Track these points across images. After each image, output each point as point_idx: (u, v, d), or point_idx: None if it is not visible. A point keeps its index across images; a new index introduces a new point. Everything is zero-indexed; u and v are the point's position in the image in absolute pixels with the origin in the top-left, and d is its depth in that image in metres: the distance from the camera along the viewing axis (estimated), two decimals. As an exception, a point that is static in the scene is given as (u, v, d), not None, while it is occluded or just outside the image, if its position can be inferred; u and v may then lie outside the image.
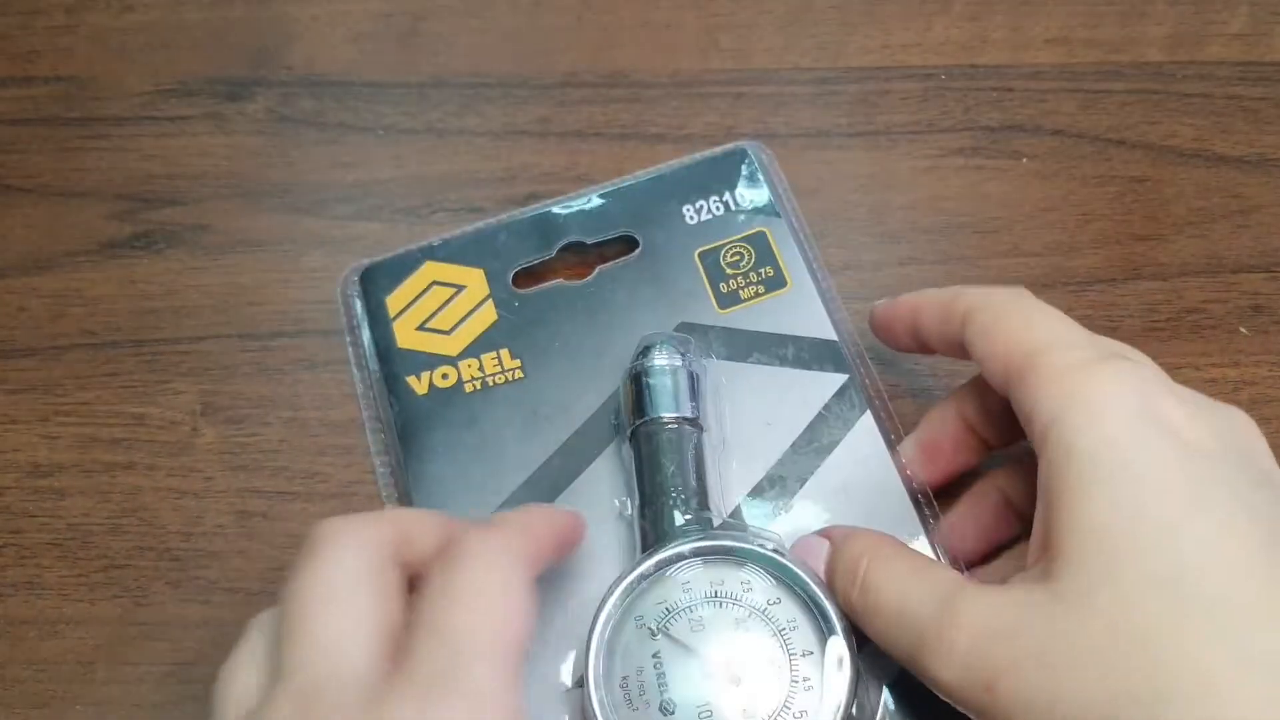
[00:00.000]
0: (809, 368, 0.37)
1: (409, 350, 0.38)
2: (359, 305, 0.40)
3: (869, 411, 0.37)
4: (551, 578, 0.33)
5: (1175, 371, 0.30)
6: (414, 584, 0.27)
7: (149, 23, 0.49)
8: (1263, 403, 0.39)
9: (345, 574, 0.26)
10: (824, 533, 0.33)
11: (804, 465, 0.36)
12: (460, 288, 0.40)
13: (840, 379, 0.37)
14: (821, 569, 0.31)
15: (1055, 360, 0.28)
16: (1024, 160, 0.44)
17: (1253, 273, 0.41)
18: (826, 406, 0.37)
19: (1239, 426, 0.28)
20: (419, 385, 0.38)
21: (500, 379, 0.38)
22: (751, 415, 0.37)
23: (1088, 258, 0.42)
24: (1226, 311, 0.41)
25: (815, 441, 0.36)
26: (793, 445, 0.36)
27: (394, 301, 0.39)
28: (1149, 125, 0.45)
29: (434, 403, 0.37)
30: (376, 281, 0.40)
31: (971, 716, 0.26)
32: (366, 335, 0.39)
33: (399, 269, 0.40)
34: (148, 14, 0.49)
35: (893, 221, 0.43)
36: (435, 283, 0.40)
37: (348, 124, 0.46)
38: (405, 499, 0.37)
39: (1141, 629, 0.24)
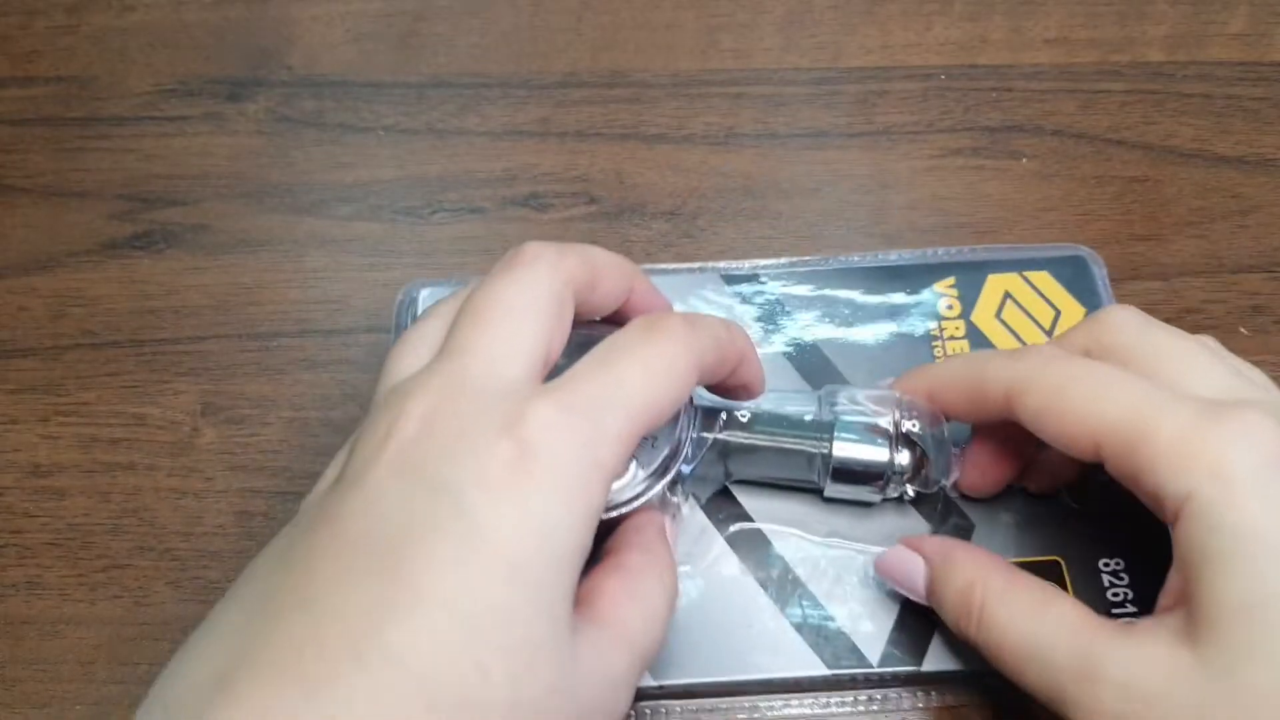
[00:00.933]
0: None
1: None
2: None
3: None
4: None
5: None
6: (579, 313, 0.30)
7: (150, 23, 0.49)
8: (1262, 403, 0.39)
9: (533, 295, 0.28)
10: (914, 545, 0.32)
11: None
12: None
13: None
14: (921, 590, 0.32)
15: (1166, 430, 0.27)
16: (1024, 160, 0.44)
17: (1252, 273, 0.41)
18: None
19: None
20: None
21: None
22: None
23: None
24: (1226, 312, 0.41)
25: None
26: None
27: None
28: (1148, 125, 0.45)
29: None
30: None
31: None
32: None
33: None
34: (148, 14, 0.49)
35: (893, 221, 0.43)
36: None
37: (348, 124, 0.46)
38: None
39: None
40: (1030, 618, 0.29)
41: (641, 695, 0.33)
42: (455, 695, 0.23)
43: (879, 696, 0.33)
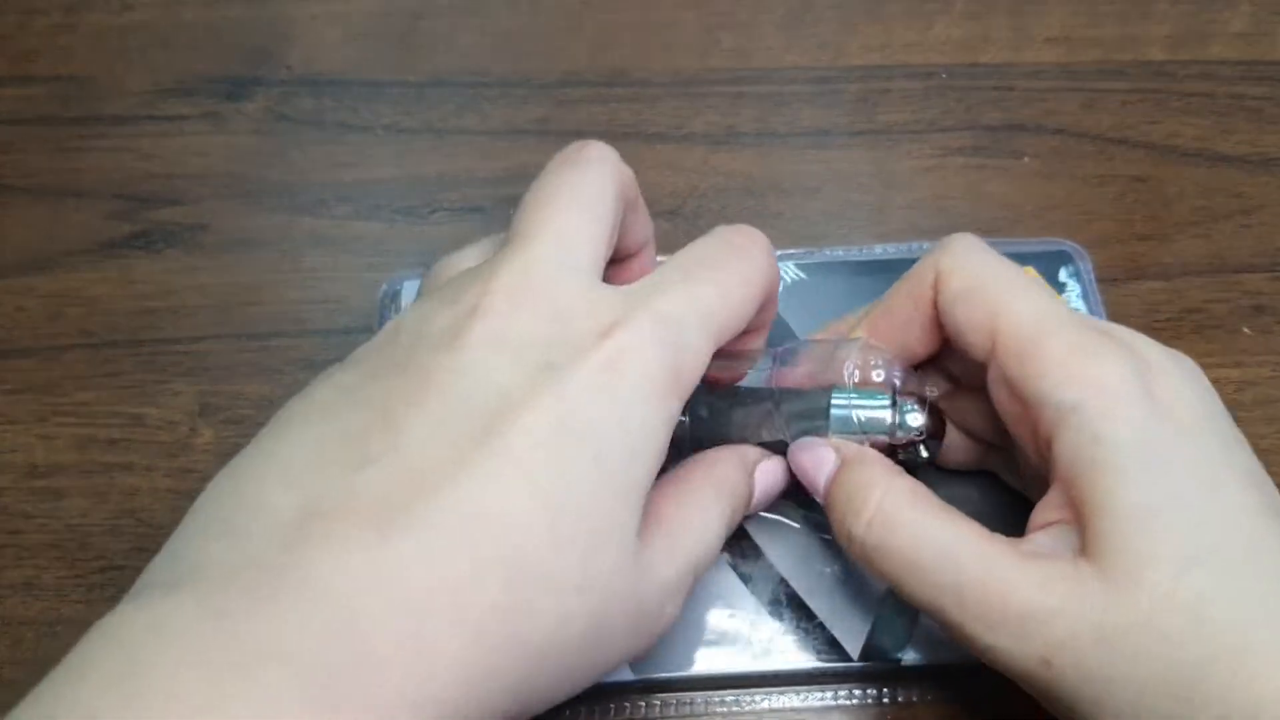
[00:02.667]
0: None
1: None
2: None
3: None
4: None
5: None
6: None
7: (148, 22, 0.49)
8: (1266, 403, 0.38)
9: (598, 186, 0.29)
10: (833, 444, 0.31)
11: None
12: None
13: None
14: (820, 485, 0.31)
15: (1060, 344, 0.28)
16: (1025, 159, 0.44)
17: (1255, 272, 0.41)
18: None
19: (1201, 385, 0.29)
20: None
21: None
22: None
23: (1090, 257, 0.42)
24: (1229, 311, 0.40)
25: None
26: None
27: None
28: (1151, 124, 0.45)
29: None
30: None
31: (1019, 683, 0.27)
32: None
33: None
34: (147, 13, 0.49)
35: (894, 221, 0.43)
36: None
37: (347, 123, 0.46)
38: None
39: (1188, 602, 0.25)
40: (932, 522, 0.28)
41: (621, 689, 0.33)
42: (527, 562, 0.24)
43: (859, 691, 0.33)
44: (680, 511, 0.29)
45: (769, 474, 0.32)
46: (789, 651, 0.33)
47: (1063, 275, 0.39)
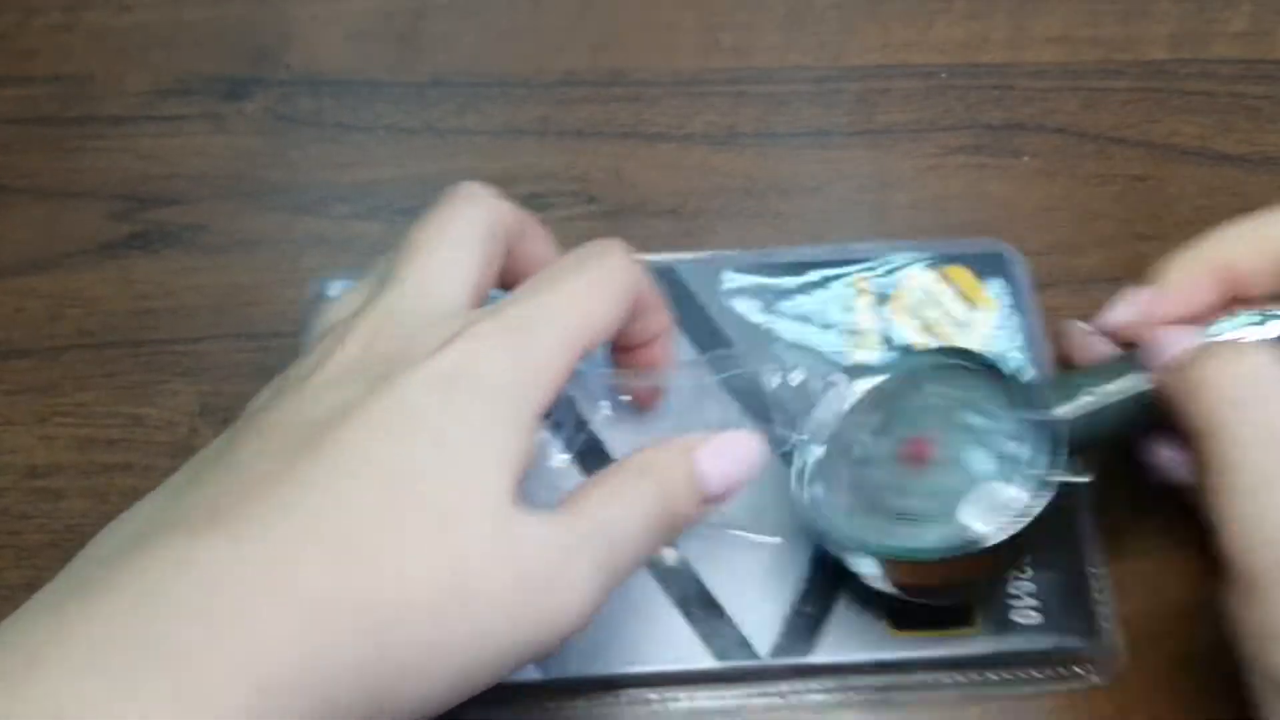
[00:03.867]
0: None
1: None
2: None
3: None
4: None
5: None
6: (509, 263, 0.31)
7: (147, 22, 0.49)
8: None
9: (467, 227, 0.30)
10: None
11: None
12: None
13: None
14: (1184, 343, 0.30)
15: None
16: (1026, 159, 0.44)
17: (1256, 272, 0.41)
18: None
19: None
20: None
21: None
22: None
23: (1090, 256, 0.42)
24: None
25: None
26: None
27: None
28: (1151, 124, 0.45)
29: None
30: None
31: None
32: None
33: None
34: (146, 13, 0.49)
35: (894, 220, 0.43)
36: None
37: (347, 124, 0.46)
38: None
39: None
40: None
41: (529, 690, 0.33)
42: (353, 539, 0.24)
43: (772, 688, 0.33)
44: (597, 498, 0.28)
45: (719, 454, 0.29)
46: (698, 650, 0.33)
47: (993, 281, 0.40)
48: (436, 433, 0.26)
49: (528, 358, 0.27)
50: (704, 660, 0.33)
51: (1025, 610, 0.33)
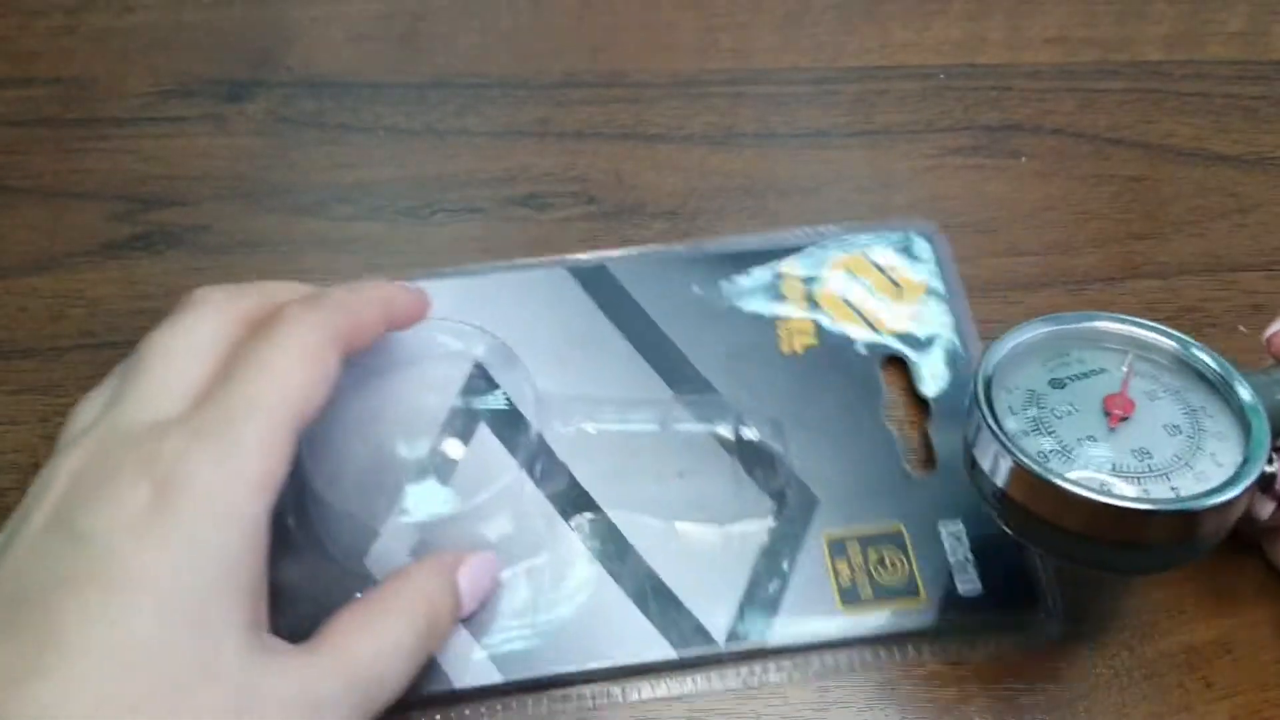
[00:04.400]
0: None
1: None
2: None
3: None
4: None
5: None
6: None
7: (149, 24, 0.49)
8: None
9: (196, 339, 0.29)
10: None
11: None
12: None
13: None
14: None
15: None
16: (1023, 159, 0.44)
17: (1251, 271, 0.41)
18: None
19: None
20: None
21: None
22: None
23: (1086, 256, 0.42)
24: (1225, 310, 0.41)
25: None
26: None
27: None
28: (1147, 124, 0.45)
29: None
30: None
31: None
32: None
33: None
34: (148, 15, 0.49)
35: (892, 221, 0.43)
36: None
37: (348, 125, 0.46)
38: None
39: None
40: None
41: (490, 691, 0.33)
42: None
43: (731, 672, 0.33)
44: (355, 634, 0.28)
45: (476, 574, 0.32)
46: (657, 641, 0.33)
47: (918, 262, 0.41)
48: (153, 591, 0.25)
49: (235, 461, 0.26)
50: (663, 651, 0.33)
51: (968, 581, 0.34)
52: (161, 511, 0.26)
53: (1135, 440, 0.30)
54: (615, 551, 0.34)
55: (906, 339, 0.39)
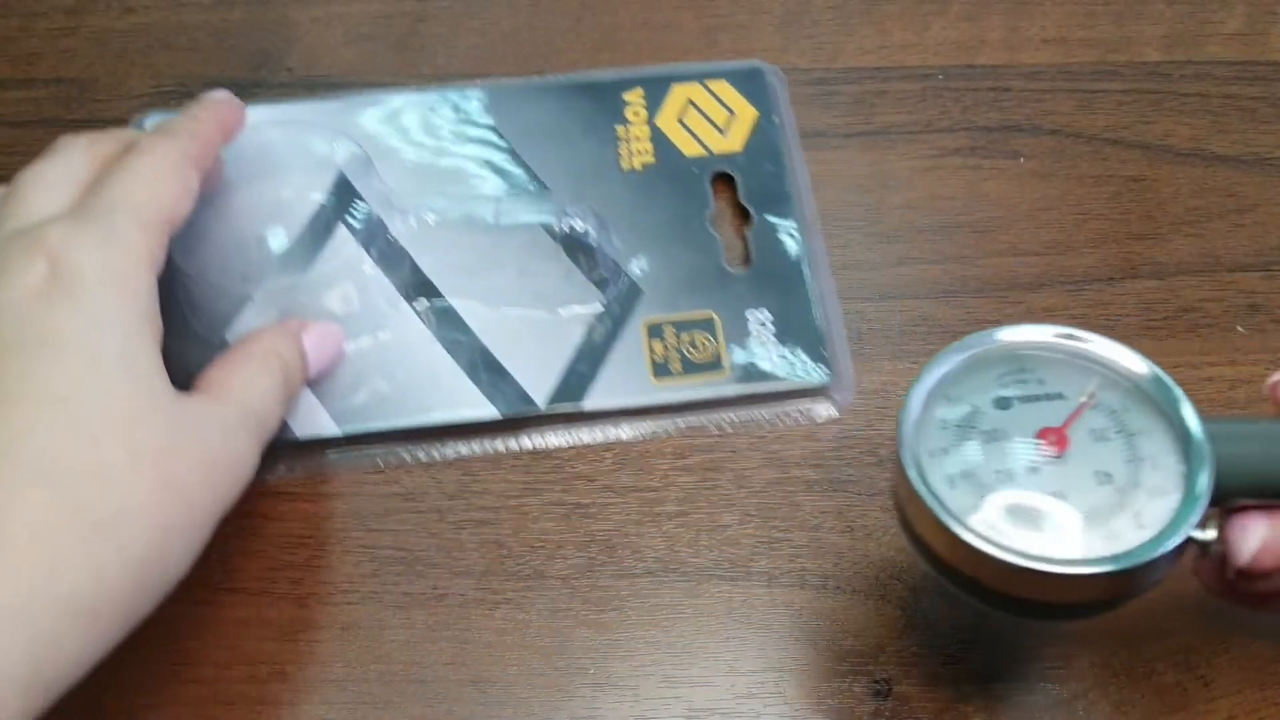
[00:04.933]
0: None
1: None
2: None
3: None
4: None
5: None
6: None
7: (149, 25, 0.49)
8: (1260, 401, 0.39)
9: (67, 169, 0.34)
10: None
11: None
12: None
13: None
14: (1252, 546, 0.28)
15: None
16: (1021, 160, 0.44)
17: (1249, 272, 0.42)
18: None
19: None
20: None
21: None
22: None
23: (1085, 257, 0.42)
24: (1223, 310, 0.41)
25: None
26: None
27: None
28: (1146, 125, 0.45)
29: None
30: None
31: None
32: None
33: None
34: (148, 16, 0.49)
35: (891, 221, 0.43)
36: None
37: (348, 125, 0.46)
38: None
39: None
40: None
41: (328, 442, 0.38)
42: (76, 469, 0.28)
43: (550, 433, 0.38)
44: (232, 379, 0.33)
45: (321, 339, 0.37)
46: (484, 404, 0.38)
47: (753, 95, 0.44)
48: (77, 347, 0.29)
49: (116, 242, 0.31)
50: (489, 411, 0.38)
51: (768, 359, 0.39)
52: (62, 281, 0.30)
53: (1057, 483, 0.28)
54: (452, 331, 0.39)
55: (735, 159, 0.43)
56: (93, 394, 0.29)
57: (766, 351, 0.39)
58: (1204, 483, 0.28)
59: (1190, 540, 0.28)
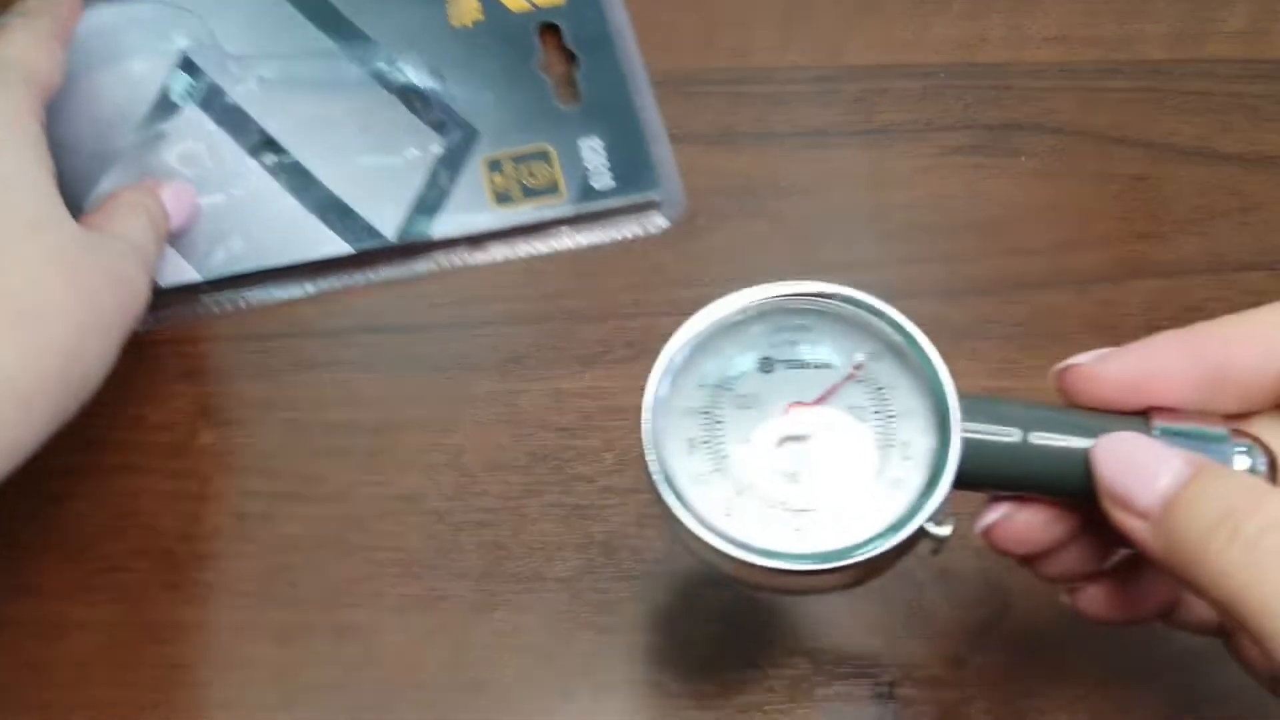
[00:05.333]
0: None
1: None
2: None
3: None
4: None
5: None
6: None
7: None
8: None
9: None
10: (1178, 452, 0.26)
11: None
12: None
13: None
14: (1166, 480, 0.25)
15: None
16: (1024, 159, 0.44)
17: (1254, 270, 0.41)
18: None
19: None
20: None
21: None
22: None
23: (1089, 256, 0.42)
24: (1228, 309, 0.40)
25: None
26: None
27: None
28: (1149, 123, 0.45)
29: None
30: None
31: None
32: None
33: None
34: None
35: (892, 220, 0.43)
36: None
37: (345, 124, 0.46)
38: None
39: None
40: None
41: (193, 289, 0.40)
42: (17, 299, 0.31)
43: (400, 266, 0.41)
44: (104, 220, 0.36)
45: (176, 195, 0.40)
46: (336, 241, 0.41)
47: None
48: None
49: (5, 97, 0.34)
50: (341, 247, 0.41)
51: (601, 180, 0.42)
52: None
53: (796, 463, 0.27)
54: (300, 183, 0.42)
55: (559, 10, 0.45)
56: (4, 207, 0.32)
57: (600, 174, 0.42)
58: (941, 485, 0.26)
59: (923, 533, 0.26)
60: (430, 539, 0.37)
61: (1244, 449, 0.27)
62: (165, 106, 0.42)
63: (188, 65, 0.43)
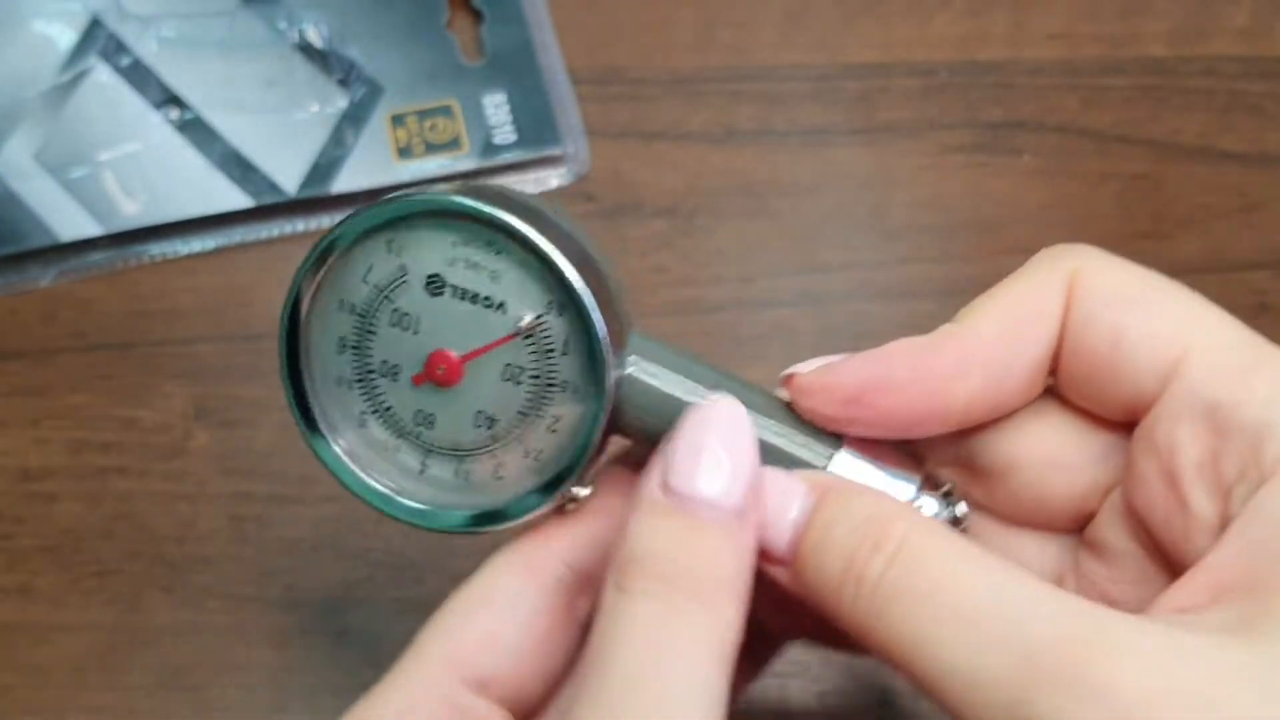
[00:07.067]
0: None
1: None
2: None
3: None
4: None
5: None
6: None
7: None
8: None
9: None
10: (801, 473, 0.24)
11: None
12: None
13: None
14: (788, 523, 0.23)
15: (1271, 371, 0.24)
16: (1025, 157, 0.44)
17: (1258, 270, 0.41)
18: None
19: None
20: None
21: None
22: None
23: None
24: (1232, 309, 0.40)
25: None
26: None
27: None
28: (1152, 122, 0.44)
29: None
30: None
31: None
32: None
33: None
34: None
35: (893, 219, 0.42)
36: None
37: (342, 123, 0.46)
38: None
39: None
40: (994, 572, 0.21)
41: (94, 243, 0.41)
42: None
43: (300, 222, 0.42)
44: None
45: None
46: (238, 195, 0.41)
47: None
48: None
49: None
50: (243, 201, 0.41)
51: (504, 134, 0.43)
52: None
53: (437, 405, 0.25)
54: (203, 137, 0.42)
55: None
56: None
57: (503, 129, 0.43)
58: (589, 434, 0.24)
59: (572, 498, 0.25)
60: (427, 541, 0.36)
61: (935, 499, 0.25)
62: (69, 65, 0.43)
63: (93, 24, 0.43)
